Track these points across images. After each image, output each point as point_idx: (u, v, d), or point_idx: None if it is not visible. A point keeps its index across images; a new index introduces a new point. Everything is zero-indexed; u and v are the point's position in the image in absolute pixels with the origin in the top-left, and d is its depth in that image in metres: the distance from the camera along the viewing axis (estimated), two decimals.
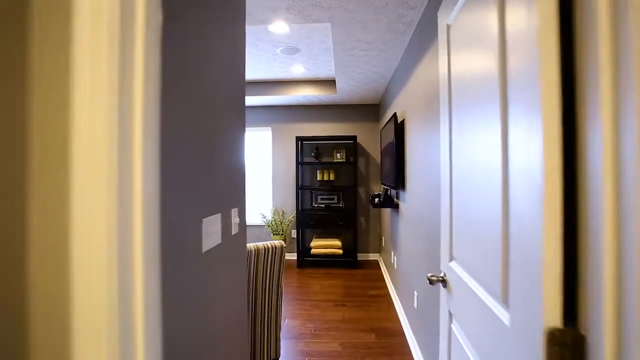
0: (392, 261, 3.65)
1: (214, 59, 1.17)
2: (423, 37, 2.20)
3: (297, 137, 4.78)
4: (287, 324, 3.00)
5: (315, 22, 2.42)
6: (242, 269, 1.56)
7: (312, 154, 5.00)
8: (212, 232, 1.18)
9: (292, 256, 5.26)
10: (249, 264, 1.92)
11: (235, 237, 1.49)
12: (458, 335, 1.13)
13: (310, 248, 4.77)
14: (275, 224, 4.93)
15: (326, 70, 4.07)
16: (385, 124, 3.54)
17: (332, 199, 5.11)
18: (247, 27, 2.90)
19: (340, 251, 4.69)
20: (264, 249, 1.98)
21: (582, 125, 0.58)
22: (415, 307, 2.43)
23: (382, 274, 4.42)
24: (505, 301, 0.78)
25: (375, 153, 5.15)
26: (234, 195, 1.48)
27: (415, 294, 2.44)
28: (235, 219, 1.48)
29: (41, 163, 0.50)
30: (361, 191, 5.18)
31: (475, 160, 0.97)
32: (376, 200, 3.39)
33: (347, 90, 4.28)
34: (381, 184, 4.07)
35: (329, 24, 2.62)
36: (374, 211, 5.17)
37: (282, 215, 5.24)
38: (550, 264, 0.60)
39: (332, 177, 5.05)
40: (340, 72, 3.53)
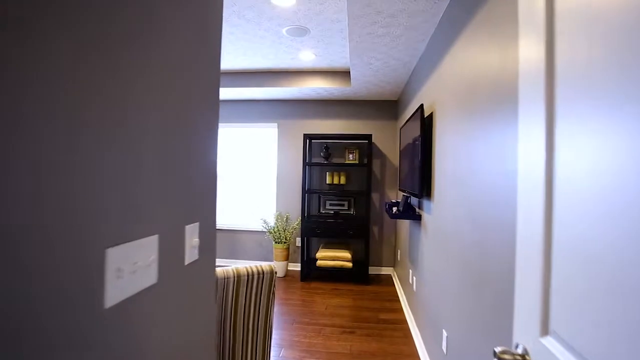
0: (410, 280, 3.11)
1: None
2: (467, 5, 1.68)
3: (305, 135, 4.28)
4: (283, 356, 2.49)
5: None
6: (205, 310, 1.06)
7: (322, 154, 4.50)
8: (131, 269, 0.68)
9: (295, 267, 4.75)
10: (224, 294, 1.42)
11: (193, 267, 0.99)
12: None
13: (316, 259, 4.26)
14: (278, 230, 4.44)
15: (339, 58, 3.57)
16: (407, 121, 3.01)
17: (342, 205, 4.59)
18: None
19: (350, 264, 4.16)
20: (248, 274, 1.48)
21: None
22: (444, 351, 1.89)
23: (396, 292, 3.87)
24: None
25: (392, 155, 4.61)
26: (192, 205, 0.99)
27: (445, 334, 1.90)
28: (192, 240, 0.98)
29: None
30: (375, 197, 4.64)
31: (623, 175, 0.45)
32: (394, 209, 2.86)
33: (362, 81, 3.77)
34: (399, 190, 3.54)
35: None
36: (388, 220, 4.62)
37: (286, 222, 4.75)
38: None
39: (342, 181, 4.54)
40: (356, 57, 3.02)
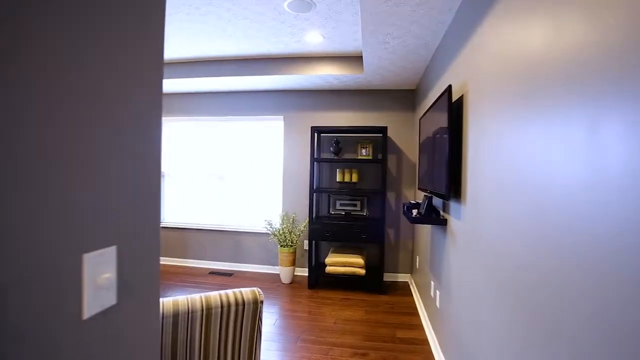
0: (432, 294, 2.68)
1: None
2: None
3: (312, 128, 3.89)
4: None
5: None
6: None
7: (331, 149, 4.10)
8: None
9: (303, 272, 4.38)
10: (188, 335, 1.05)
11: (103, 320, 0.61)
12: None
13: (326, 265, 3.87)
14: (284, 233, 4.07)
15: (350, 40, 3.15)
16: (428, 110, 2.58)
17: (354, 205, 4.18)
18: None
19: (362, 271, 3.75)
20: (222, 306, 1.09)
21: None
22: None
23: (414, 304, 3.45)
24: None
25: (409, 150, 4.17)
26: (101, 219, 0.61)
27: None
28: (98, 277, 0.61)
29: None
30: (391, 197, 4.22)
31: None
32: (414, 212, 2.44)
33: (376, 66, 3.34)
34: (418, 189, 3.12)
35: None
36: (405, 222, 4.19)
37: (293, 223, 4.37)
38: None
39: (354, 179, 4.13)
40: (369, 35, 2.60)
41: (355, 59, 3.59)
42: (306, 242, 4.34)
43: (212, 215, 4.70)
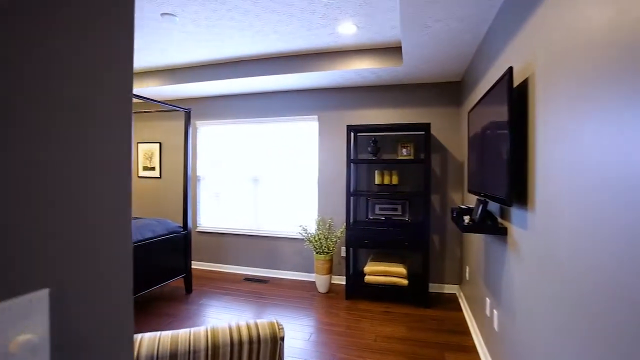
0: (487, 312, 2.32)
1: None
2: None
3: (348, 127, 3.64)
4: None
5: None
6: None
7: (369, 150, 3.82)
8: None
9: (340, 280, 4.13)
10: None
11: None
12: None
13: (364, 274, 3.60)
14: (319, 239, 3.85)
15: (387, 29, 2.87)
16: (480, 101, 2.24)
17: (395, 209, 3.86)
18: None
19: (405, 281, 3.43)
20: (233, 344, 0.88)
21: None
22: None
23: (464, 320, 3.07)
24: None
25: (455, 148, 3.79)
26: (27, 250, 0.39)
27: None
28: (14, 339, 0.40)
29: None
30: (435, 200, 3.85)
31: None
32: (466, 219, 2.10)
33: (416, 56, 3.02)
34: (468, 191, 2.76)
35: None
36: (452, 227, 3.81)
37: (329, 229, 4.14)
38: None
39: (395, 181, 3.82)
40: (409, 19, 2.31)
41: (392, 51, 3.29)
42: (343, 249, 4.10)
43: (247, 220, 4.60)
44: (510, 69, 1.59)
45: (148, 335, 0.88)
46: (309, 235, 3.93)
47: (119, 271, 0.56)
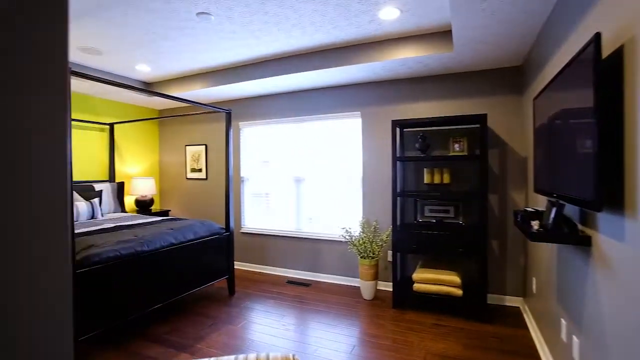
0: (564, 337, 1.95)
1: None
2: None
3: (393, 122, 3.36)
4: None
5: None
6: None
7: (417, 146, 3.51)
8: None
9: (386, 287, 3.86)
10: None
11: None
12: None
13: (413, 281, 3.31)
14: (364, 243, 3.61)
15: (433, 11, 2.57)
16: (548, 85, 1.87)
17: (447, 211, 3.51)
18: None
19: (459, 291, 3.09)
20: None
21: None
22: None
23: (531, 340, 2.67)
24: None
25: (516, 141, 3.34)
26: None
27: None
28: None
29: None
30: (493, 200, 3.44)
31: None
32: (534, 225, 1.76)
33: (469, 39, 2.67)
34: (535, 191, 2.36)
35: None
36: (514, 232, 3.37)
37: (374, 231, 3.89)
38: None
39: (446, 180, 3.47)
40: None
41: (440, 36, 2.97)
42: (390, 253, 3.82)
43: (290, 221, 4.50)
44: (597, 35, 1.25)
45: None
46: (353, 239, 3.71)
47: (54, 303, 0.41)
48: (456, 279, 3.11)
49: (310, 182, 4.35)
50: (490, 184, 3.42)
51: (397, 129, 3.48)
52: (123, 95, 4.55)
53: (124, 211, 4.67)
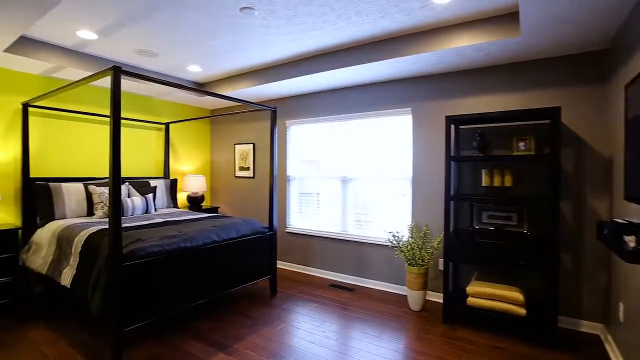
0: None
1: None
2: None
3: (447, 118, 3.06)
4: None
5: None
6: None
7: (474, 144, 3.16)
8: None
9: (436, 298, 3.55)
10: None
11: None
12: None
13: (467, 294, 2.98)
14: (412, 249, 3.34)
15: None
16: None
17: (509, 217, 3.11)
18: None
19: (522, 310, 2.71)
20: None
21: None
22: None
23: None
24: None
25: (597, 138, 2.85)
26: None
27: None
28: None
29: None
30: (566, 208, 2.98)
31: None
32: (630, 241, 1.41)
33: (540, 20, 2.30)
34: (626, 199, 1.94)
35: None
36: (592, 244, 2.88)
37: (424, 237, 3.60)
38: None
39: (508, 182, 3.08)
40: None
41: (503, 19, 2.62)
42: (441, 261, 3.51)
43: (335, 222, 4.35)
44: None
45: None
46: (401, 244, 3.46)
47: None
48: (519, 296, 2.73)
49: (356, 182, 4.16)
50: (563, 187, 2.96)
51: (452, 126, 3.16)
52: (178, 95, 4.74)
53: (176, 207, 4.86)
